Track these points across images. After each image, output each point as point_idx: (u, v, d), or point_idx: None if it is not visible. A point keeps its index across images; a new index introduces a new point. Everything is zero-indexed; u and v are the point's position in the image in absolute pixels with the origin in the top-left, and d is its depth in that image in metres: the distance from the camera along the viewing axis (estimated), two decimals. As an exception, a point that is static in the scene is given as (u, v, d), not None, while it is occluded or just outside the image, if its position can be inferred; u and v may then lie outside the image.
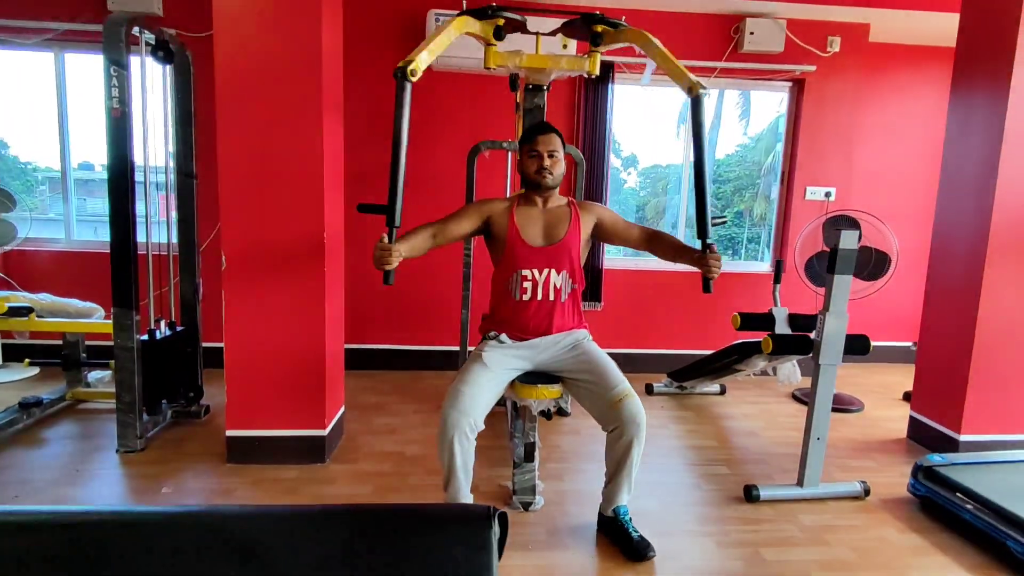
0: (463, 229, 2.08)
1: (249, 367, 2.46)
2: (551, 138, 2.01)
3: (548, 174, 2.01)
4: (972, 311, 2.68)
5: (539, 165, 2.00)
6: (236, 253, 2.39)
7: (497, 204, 2.11)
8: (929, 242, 2.94)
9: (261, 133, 2.35)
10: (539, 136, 2.01)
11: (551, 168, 2.01)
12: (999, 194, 2.59)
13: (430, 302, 3.91)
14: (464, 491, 1.92)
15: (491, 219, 2.09)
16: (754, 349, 2.63)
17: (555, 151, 2.01)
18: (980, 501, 2.09)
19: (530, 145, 2.02)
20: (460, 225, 2.08)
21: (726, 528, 2.16)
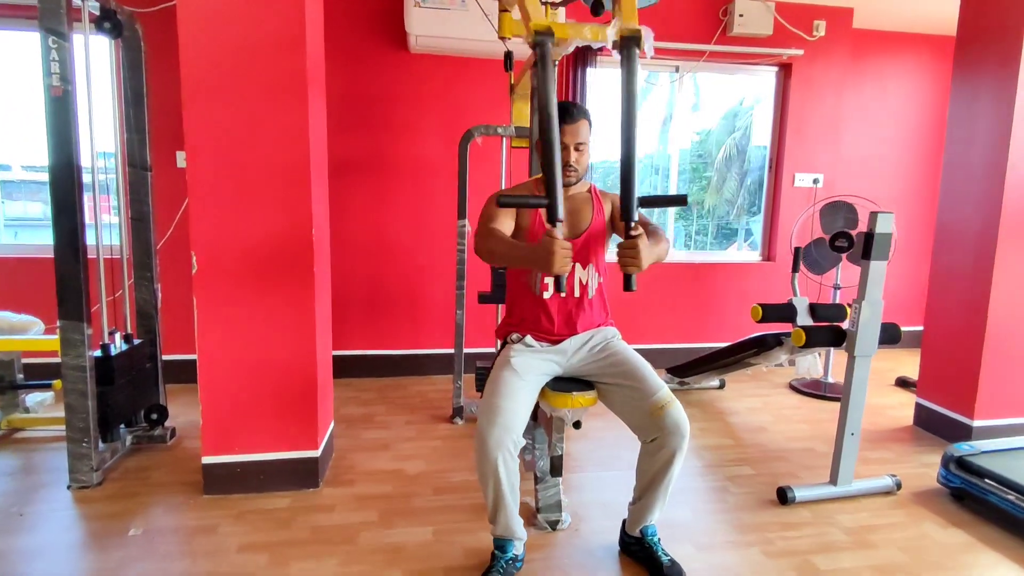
0: (508, 225, 1.79)
1: (227, 384, 2.15)
2: (580, 127, 1.76)
3: (573, 171, 1.78)
4: (984, 295, 2.64)
5: (564, 160, 1.76)
6: (209, 254, 2.08)
7: (522, 192, 1.88)
8: (912, 226, 2.91)
9: (237, 117, 2.04)
10: (566, 125, 1.74)
11: (577, 162, 1.78)
12: (1010, 176, 2.55)
13: (412, 302, 3.65)
14: (516, 520, 1.69)
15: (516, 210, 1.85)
16: (775, 341, 2.51)
17: (583, 142, 1.78)
18: (1018, 490, 2.02)
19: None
20: (506, 223, 1.79)
21: (768, 536, 2.01)
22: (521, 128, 2.76)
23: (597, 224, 1.84)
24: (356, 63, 3.37)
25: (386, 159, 3.48)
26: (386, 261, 3.57)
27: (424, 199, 3.56)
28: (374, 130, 3.44)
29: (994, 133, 2.60)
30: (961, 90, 2.78)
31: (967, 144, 2.74)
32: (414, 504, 2.17)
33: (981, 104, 2.67)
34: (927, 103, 4.27)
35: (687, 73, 3.82)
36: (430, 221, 3.57)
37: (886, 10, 3.78)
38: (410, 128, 3.48)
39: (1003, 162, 2.56)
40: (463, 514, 2.10)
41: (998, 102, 2.59)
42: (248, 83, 2.03)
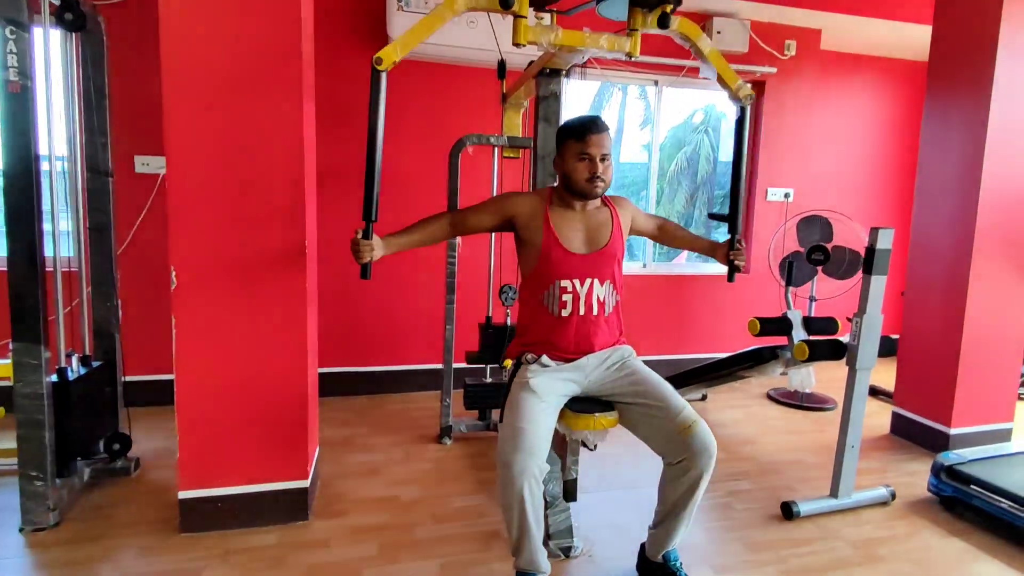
0: (483, 223, 1.83)
1: (209, 410, 1.96)
2: (605, 138, 1.72)
3: (600, 182, 1.73)
4: (960, 309, 2.75)
5: (591, 172, 1.70)
6: (191, 269, 1.89)
7: (524, 201, 1.80)
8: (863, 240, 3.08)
9: (226, 123, 1.87)
10: (592, 135, 1.70)
11: (604, 174, 1.73)
12: (983, 195, 2.67)
13: (391, 316, 3.50)
14: (541, 552, 1.59)
15: (516, 219, 1.78)
16: (771, 355, 2.52)
17: (608, 154, 1.74)
18: (1017, 499, 2.08)
19: (581, 145, 1.71)
20: (480, 218, 1.82)
21: (781, 554, 1.99)
22: (514, 138, 2.69)
23: (616, 240, 1.79)
24: (334, 67, 3.22)
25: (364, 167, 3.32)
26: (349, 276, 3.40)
27: (404, 209, 3.40)
28: (352, 137, 3.29)
29: (967, 154, 2.72)
30: (934, 113, 2.90)
31: (940, 165, 2.86)
32: (416, 535, 2.04)
33: (954, 127, 2.79)
34: (888, 123, 4.48)
35: (666, 87, 3.86)
36: (410, 232, 3.44)
37: (850, 33, 3.94)
38: (391, 136, 3.35)
39: (976, 182, 2.67)
40: (470, 544, 1.99)
41: (970, 125, 2.71)
42: (240, 86, 1.87)
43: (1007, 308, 2.80)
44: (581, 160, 1.71)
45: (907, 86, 4.47)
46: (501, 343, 2.80)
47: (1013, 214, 2.73)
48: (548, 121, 2.12)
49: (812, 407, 3.55)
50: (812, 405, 3.57)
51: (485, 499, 2.29)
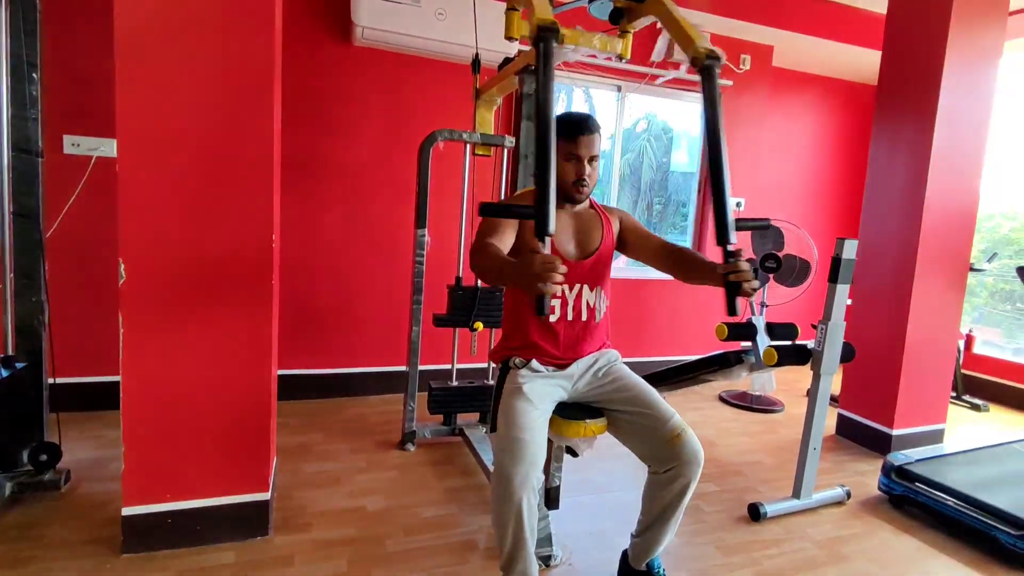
0: (509, 239, 1.64)
1: (160, 417, 1.78)
2: (596, 139, 1.67)
3: (586, 186, 1.68)
4: (903, 318, 2.91)
5: (578, 175, 1.66)
6: (141, 263, 1.72)
7: (525, 201, 1.73)
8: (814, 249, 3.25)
9: (187, 102, 1.71)
10: (583, 136, 1.64)
11: (590, 177, 1.68)
12: (927, 213, 2.84)
13: (346, 316, 3.34)
14: (533, 565, 1.52)
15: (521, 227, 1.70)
16: (736, 359, 2.57)
17: (597, 156, 1.69)
18: (961, 497, 2.22)
19: (570, 145, 1.65)
20: (507, 237, 1.63)
21: (753, 556, 2.03)
22: (487, 135, 2.63)
23: (607, 245, 1.76)
24: (288, 51, 3.03)
25: (320, 160, 3.17)
26: (317, 271, 3.25)
27: (362, 205, 3.29)
28: (308, 127, 3.12)
29: (912, 174, 2.89)
30: (882, 133, 3.06)
31: (887, 182, 3.02)
32: (387, 548, 1.93)
33: (900, 147, 2.96)
34: (832, 139, 4.72)
35: (629, 93, 3.91)
36: (368, 229, 3.31)
37: (800, 53, 4.12)
38: (349, 128, 3.21)
39: (920, 200, 2.84)
40: (446, 556, 1.91)
41: (916, 146, 2.87)
42: (204, 63, 1.71)
43: (943, 317, 2.99)
44: (568, 160, 1.66)
45: (851, 106, 4.73)
46: (471, 305, 2.70)
47: (951, 230, 2.92)
48: (531, 120, 2.07)
49: (761, 409, 3.68)
50: (761, 407, 3.70)
51: (456, 508, 2.21)
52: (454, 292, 2.69)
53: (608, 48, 1.81)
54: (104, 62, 2.71)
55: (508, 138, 2.64)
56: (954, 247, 2.95)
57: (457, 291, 2.69)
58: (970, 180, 2.94)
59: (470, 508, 2.22)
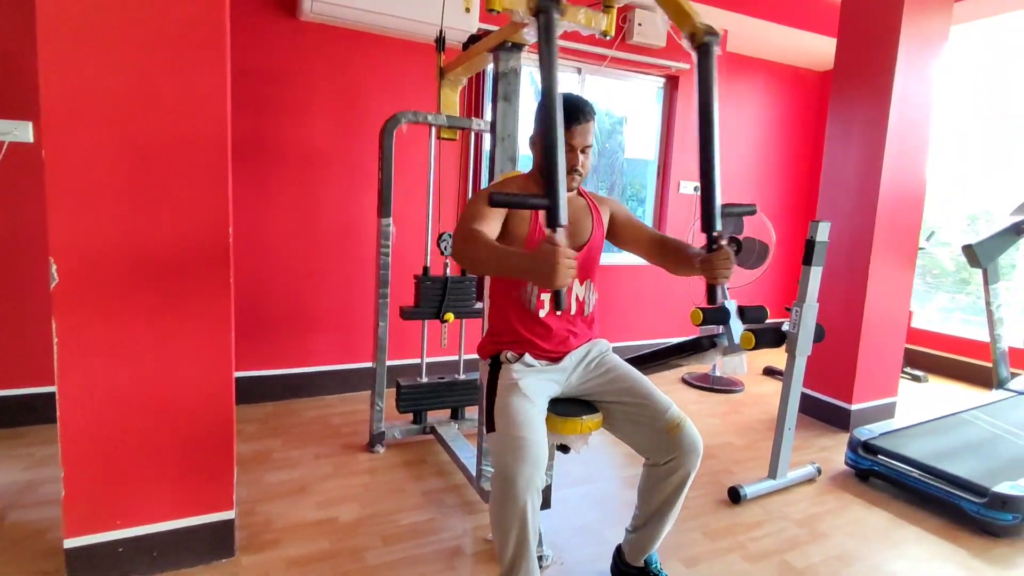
0: (495, 229, 1.53)
1: (106, 435, 1.58)
2: (591, 127, 1.58)
3: (578, 176, 1.60)
4: (860, 298, 3.00)
5: (571, 165, 1.56)
6: (77, 261, 1.50)
7: (514, 188, 1.62)
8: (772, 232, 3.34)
9: (124, 76, 1.50)
10: (578, 126, 1.54)
11: (583, 166, 1.60)
12: (882, 195, 2.92)
13: (299, 312, 3.14)
14: (536, 570, 1.43)
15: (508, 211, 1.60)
16: (710, 344, 2.57)
17: (591, 145, 1.61)
18: (925, 468, 2.30)
19: (565, 134, 1.49)
20: (493, 226, 1.52)
21: (739, 539, 2.03)
22: (453, 118, 2.49)
23: (597, 237, 1.68)
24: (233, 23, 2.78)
25: (267, 144, 2.94)
26: (266, 264, 3.03)
27: (313, 193, 3.09)
28: (251, 109, 2.88)
29: (868, 157, 2.96)
30: (837, 118, 3.12)
31: (843, 166, 3.09)
32: (367, 561, 1.81)
33: (856, 132, 3.03)
34: (783, 124, 4.82)
35: (589, 75, 3.84)
36: (321, 218, 3.11)
37: (753, 39, 4.17)
38: (298, 110, 2.98)
39: (876, 183, 2.92)
40: (431, 565, 1.80)
41: (871, 130, 2.95)
42: (144, 29, 1.50)
43: (896, 295, 3.11)
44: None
45: (798, 91, 4.84)
46: (441, 296, 2.58)
47: (902, 211, 3.03)
48: (508, 100, 1.95)
49: (723, 389, 3.74)
50: (723, 388, 3.76)
51: (436, 512, 2.11)
52: (422, 283, 2.55)
53: (593, 24, 1.72)
54: (13, 32, 2.39)
55: (476, 120, 2.51)
56: (905, 227, 3.06)
57: (425, 281, 2.56)
58: (919, 162, 3.05)
59: (450, 511, 2.12)
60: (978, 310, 4.95)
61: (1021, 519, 2.04)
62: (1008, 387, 3.25)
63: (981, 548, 2.04)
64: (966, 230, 5.17)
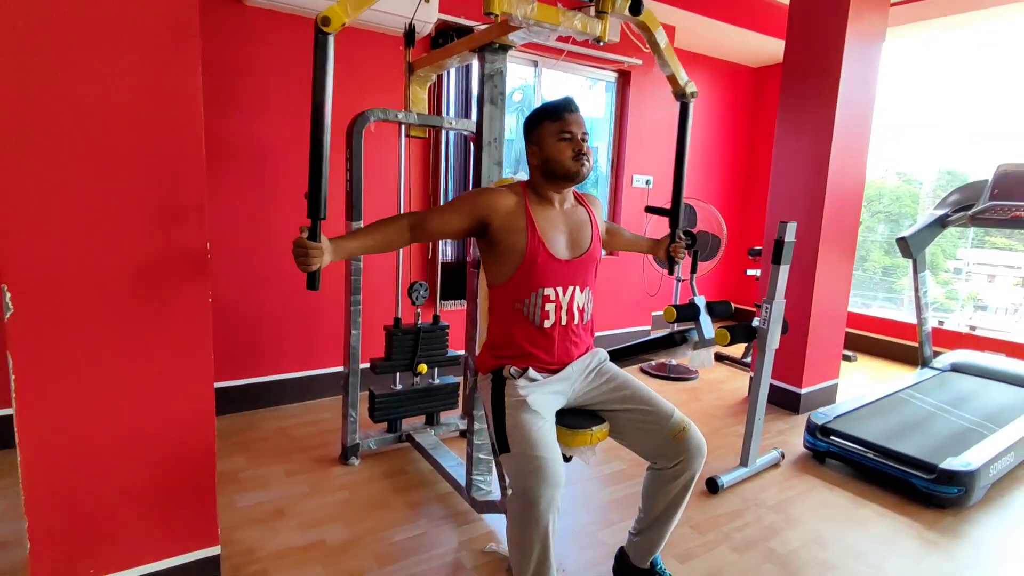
0: (451, 225, 1.55)
1: (71, 477, 1.42)
2: (581, 118, 1.61)
3: (587, 161, 1.60)
4: (809, 288, 3.18)
5: (576, 150, 1.57)
6: (35, 286, 1.33)
7: (499, 199, 1.58)
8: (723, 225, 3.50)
9: (86, 77, 1.32)
10: (569, 114, 1.58)
11: (588, 154, 1.60)
12: (829, 191, 3.09)
13: (253, 320, 2.96)
14: None
15: (491, 220, 1.56)
16: (681, 339, 2.65)
17: (588, 134, 1.62)
18: (877, 449, 2.49)
19: (559, 124, 1.57)
20: (447, 220, 1.55)
21: (723, 530, 2.12)
22: (424, 116, 2.40)
23: (596, 243, 1.69)
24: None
25: (216, 142, 2.71)
26: (218, 270, 2.82)
27: (266, 193, 2.90)
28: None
29: (816, 155, 3.12)
30: (787, 117, 3.26)
31: (793, 163, 3.24)
32: (366, 585, 1.74)
33: (805, 130, 3.18)
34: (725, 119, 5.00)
35: (545, 69, 3.81)
36: (277, 220, 2.92)
37: (698, 36, 4.28)
38: (248, 105, 2.77)
39: (823, 179, 3.09)
40: (434, 583, 1.76)
41: (819, 129, 3.10)
42: (108, 27, 1.33)
43: (838, 284, 3.32)
44: (563, 140, 1.57)
45: (737, 87, 5.03)
46: (414, 348, 2.52)
47: (845, 205, 3.22)
48: (494, 103, 1.90)
49: (679, 377, 3.88)
50: (679, 376, 3.90)
51: (426, 525, 2.06)
52: (393, 334, 2.48)
53: (588, 30, 1.70)
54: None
55: (448, 118, 2.43)
56: (848, 220, 3.26)
57: (396, 333, 2.48)
58: (860, 160, 3.25)
59: (441, 523, 2.07)
60: (872, 285, 5.46)
61: (964, 491, 2.25)
62: (932, 366, 3.57)
63: (932, 520, 2.23)
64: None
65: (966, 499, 2.27)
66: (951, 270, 5.86)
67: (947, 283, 5.79)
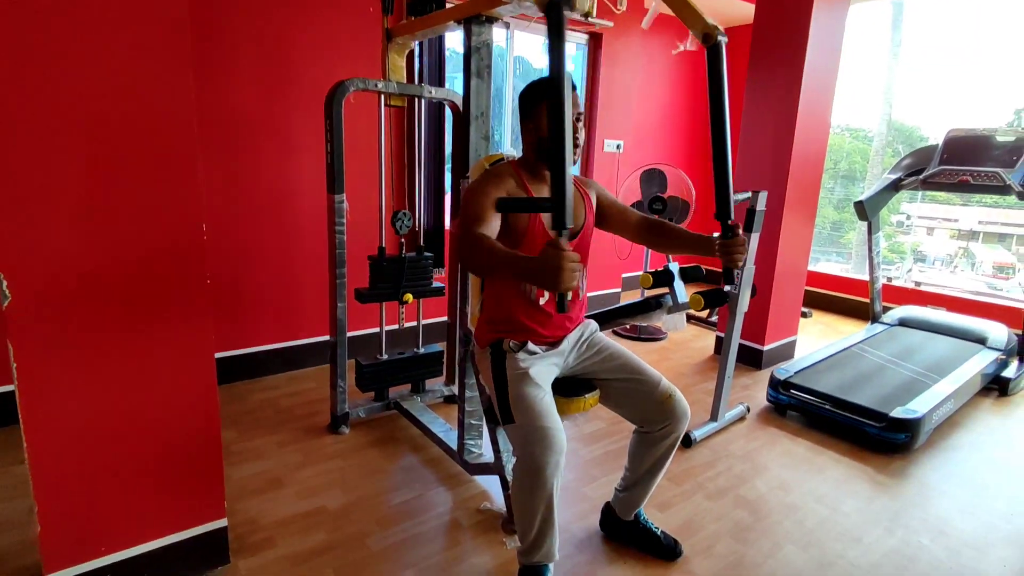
0: (497, 226, 1.53)
1: (78, 460, 1.44)
2: (576, 97, 1.60)
3: (577, 147, 1.63)
4: (774, 251, 3.34)
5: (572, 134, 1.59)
6: (31, 276, 1.31)
7: (503, 185, 1.59)
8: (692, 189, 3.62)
9: (75, 65, 1.27)
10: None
11: (579, 136, 1.63)
12: (794, 156, 3.21)
13: (232, 291, 2.93)
14: (556, 543, 1.54)
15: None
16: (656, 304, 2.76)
17: (583, 113, 1.64)
18: (834, 400, 2.69)
19: None
20: (493, 224, 1.50)
21: (698, 480, 2.29)
22: (403, 85, 2.37)
23: (590, 223, 1.74)
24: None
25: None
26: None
27: (240, 163, 2.83)
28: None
29: (783, 121, 3.23)
30: (755, 83, 3.34)
31: (761, 129, 3.34)
32: (371, 548, 1.83)
33: (772, 96, 3.27)
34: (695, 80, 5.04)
35: (517, 31, 3.76)
36: (251, 190, 2.87)
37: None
38: (218, 72, 2.67)
39: (789, 146, 3.21)
40: (434, 543, 1.86)
41: (786, 96, 3.20)
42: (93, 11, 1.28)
43: (799, 245, 3.49)
44: None
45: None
46: (398, 277, 2.53)
47: (808, 169, 3.36)
48: (481, 76, 1.90)
49: (649, 338, 4.05)
50: (648, 336, 4.06)
51: (422, 488, 2.15)
52: (378, 264, 2.48)
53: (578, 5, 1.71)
54: None
55: (428, 87, 2.41)
56: (810, 184, 3.41)
57: (381, 263, 2.48)
58: (823, 126, 3.37)
59: (435, 485, 2.17)
60: (822, 240, 5.79)
61: (910, 436, 2.48)
62: (882, 321, 3.82)
63: (882, 464, 2.46)
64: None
65: (912, 443, 2.50)
66: (894, 224, 6.20)
67: (891, 236, 6.14)
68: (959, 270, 6.07)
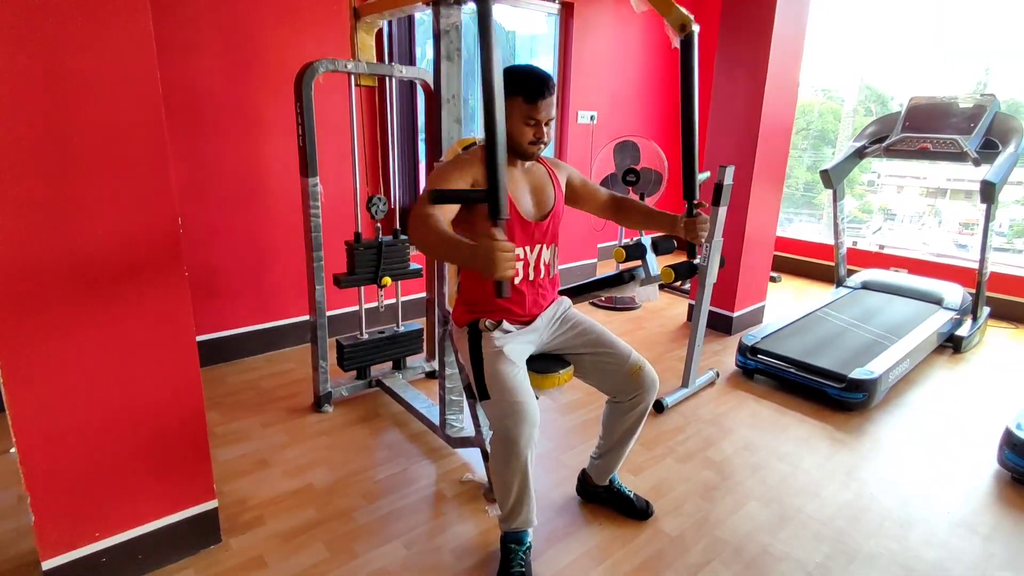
0: (453, 209, 1.57)
1: (66, 450, 1.48)
2: (553, 101, 1.63)
3: (542, 146, 1.67)
4: (742, 220, 3.43)
5: (536, 137, 1.62)
6: (8, 268, 1.32)
7: (469, 170, 1.61)
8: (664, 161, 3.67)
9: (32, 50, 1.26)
10: (543, 100, 1.58)
11: (546, 139, 1.66)
12: (762, 129, 3.27)
13: (205, 272, 2.93)
14: (535, 510, 1.64)
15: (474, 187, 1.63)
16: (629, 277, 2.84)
17: (553, 118, 1.66)
18: (798, 364, 2.83)
19: (531, 108, 1.58)
20: (448, 208, 1.54)
21: (669, 444, 2.41)
22: (373, 64, 2.36)
23: (559, 203, 1.79)
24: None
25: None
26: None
27: (205, 143, 2.79)
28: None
29: (751, 95, 3.27)
30: (724, 58, 3.37)
31: (730, 103, 3.38)
32: (358, 521, 1.91)
33: (741, 71, 3.30)
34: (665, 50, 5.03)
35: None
36: (218, 171, 2.84)
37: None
38: (178, 49, 2.61)
39: (758, 119, 3.26)
40: (420, 514, 1.95)
41: (754, 70, 3.24)
42: (47, -5, 1.26)
43: (767, 215, 3.59)
44: (527, 124, 1.61)
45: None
46: (375, 261, 2.57)
47: (775, 143, 3.43)
48: (451, 59, 1.91)
49: (624, 308, 4.15)
50: (624, 307, 4.16)
51: (406, 462, 2.23)
52: (355, 249, 2.50)
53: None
54: None
55: (399, 67, 2.40)
56: (778, 155, 3.48)
57: (358, 248, 2.51)
58: (790, 98, 3.43)
59: (419, 459, 2.25)
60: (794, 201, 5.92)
61: (867, 396, 2.63)
62: (846, 284, 3.97)
63: (842, 422, 2.61)
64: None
65: (869, 402, 2.65)
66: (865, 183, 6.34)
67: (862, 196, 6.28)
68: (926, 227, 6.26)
